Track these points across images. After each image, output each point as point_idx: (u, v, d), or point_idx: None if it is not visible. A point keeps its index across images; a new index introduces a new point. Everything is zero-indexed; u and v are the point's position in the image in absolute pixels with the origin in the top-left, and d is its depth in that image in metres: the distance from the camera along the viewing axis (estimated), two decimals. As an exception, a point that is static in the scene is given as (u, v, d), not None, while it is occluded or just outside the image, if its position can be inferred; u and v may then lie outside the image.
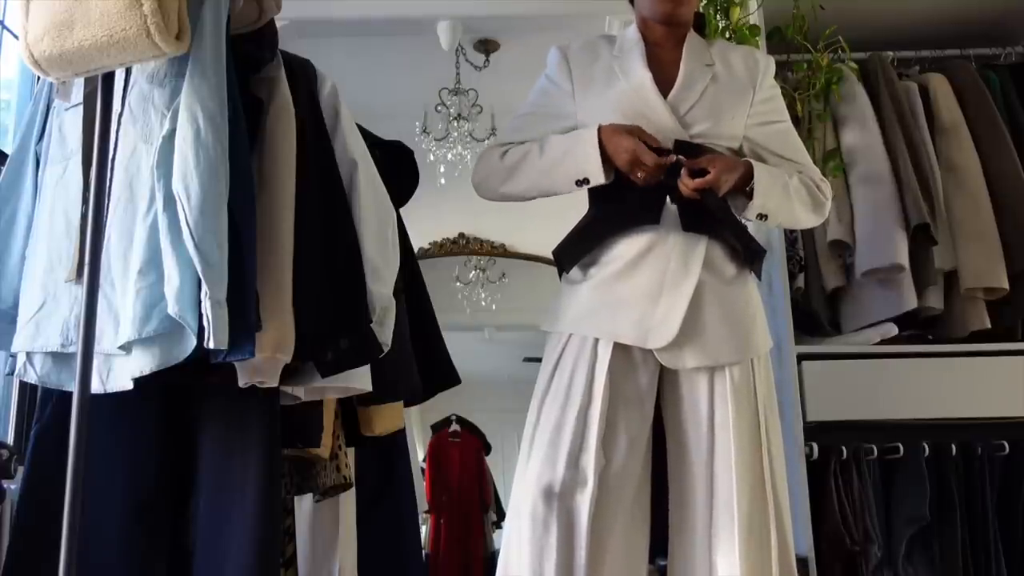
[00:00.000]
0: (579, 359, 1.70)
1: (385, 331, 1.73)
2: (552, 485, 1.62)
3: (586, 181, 1.72)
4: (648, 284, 1.69)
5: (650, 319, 1.67)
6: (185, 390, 1.67)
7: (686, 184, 1.66)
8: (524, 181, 1.81)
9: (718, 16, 2.52)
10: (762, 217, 1.73)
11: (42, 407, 1.69)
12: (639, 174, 1.67)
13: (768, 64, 1.89)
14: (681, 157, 1.68)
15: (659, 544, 1.76)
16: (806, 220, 1.83)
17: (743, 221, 1.80)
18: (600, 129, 1.70)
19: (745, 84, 1.83)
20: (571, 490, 1.62)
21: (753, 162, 1.73)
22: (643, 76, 1.78)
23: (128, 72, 1.58)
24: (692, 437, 1.70)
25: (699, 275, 1.69)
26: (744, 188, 1.71)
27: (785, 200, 1.75)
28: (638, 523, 1.71)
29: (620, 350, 1.69)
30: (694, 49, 1.84)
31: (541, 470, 1.64)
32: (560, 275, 1.85)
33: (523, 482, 1.67)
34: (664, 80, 1.79)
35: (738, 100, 1.81)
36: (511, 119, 1.92)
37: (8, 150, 1.86)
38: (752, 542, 1.62)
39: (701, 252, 1.70)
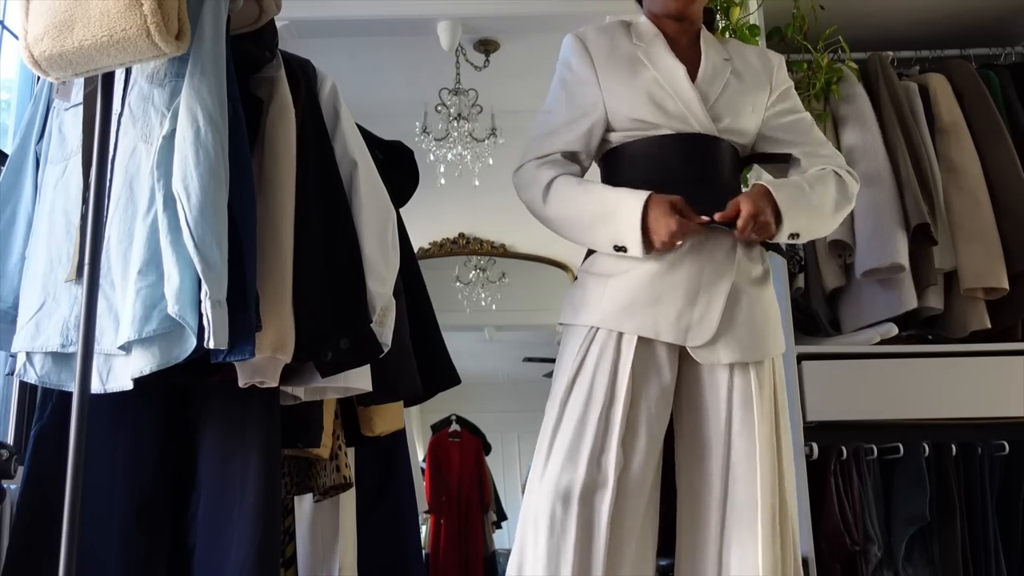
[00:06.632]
0: (603, 356, 1.67)
1: (385, 331, 1.73)
2: (571, 487, 1.60)
3: (624, 249, 1.68)
4: (687, 282, 1.67)
5: (689, 316, 1.66)
6: (185, 390, 1.67)
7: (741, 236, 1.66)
8: (564, 231, 1.78)
9: (718, 16, 2.52)
10: (794, 236, 1.69)
11: (42, 407, 1.69)
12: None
13: (780, 60, 1.91)
14: (716, 216, 1.65)
15: (659, 544, 1.76)
16: (836, 217, 1.77)
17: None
18: (647, 203, 1.65)
19: (762, 79, 1.84)
20: (591, 492, 1.60)
21: (769, 183, 1.69)
22: (674, 66, 1.77)
23: (128, 72, 1.58)
24: (712, 435, 1.68)
25: (734, 273, 1.69)
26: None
27: (812, 209, 1.71)
28: (650, 524, 1.69)
29: (644, 347, 1.67)
30: (711, 44, 1.84)
31: (561, 471, 1.61)
32: (582, 263, 1.81)
33: (541, 483, 1.64)
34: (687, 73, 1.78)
35: (757, 95, 1.82)
36: (537, 119, 1.86)
37: (8, 150, 1.85)
38: (776, 543, 1.62)
39: (735, 252, 1.70)
